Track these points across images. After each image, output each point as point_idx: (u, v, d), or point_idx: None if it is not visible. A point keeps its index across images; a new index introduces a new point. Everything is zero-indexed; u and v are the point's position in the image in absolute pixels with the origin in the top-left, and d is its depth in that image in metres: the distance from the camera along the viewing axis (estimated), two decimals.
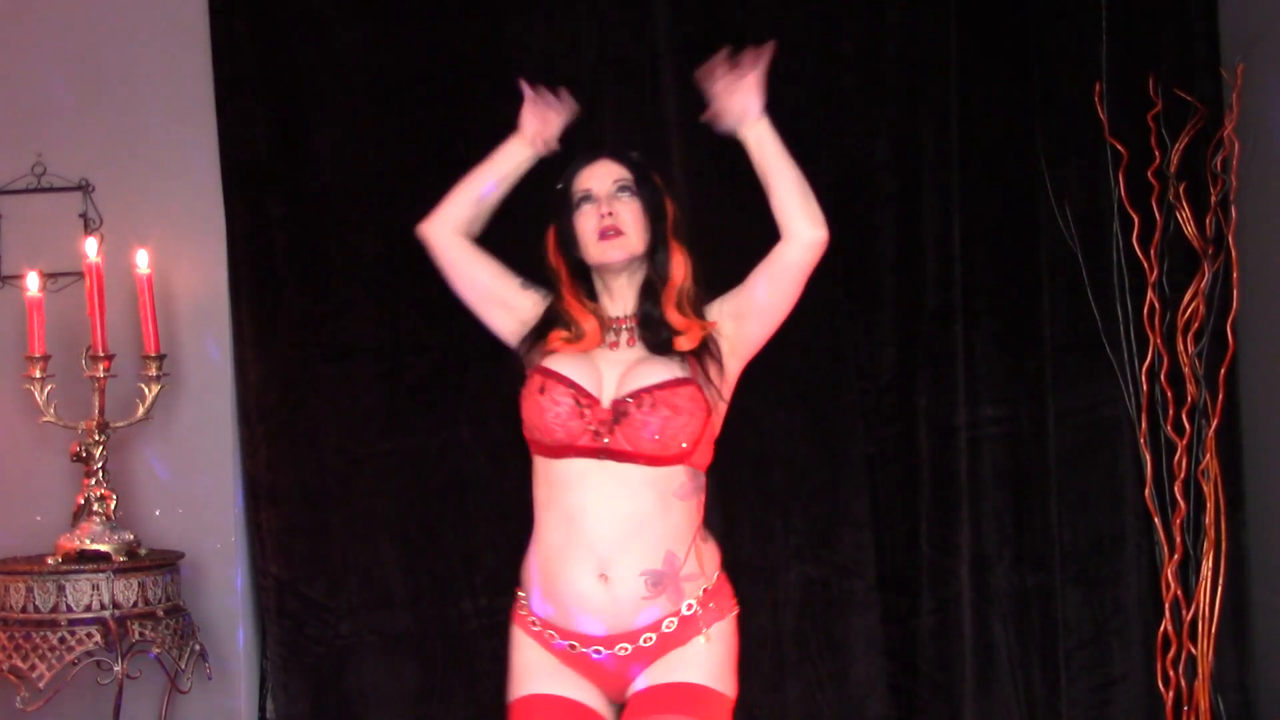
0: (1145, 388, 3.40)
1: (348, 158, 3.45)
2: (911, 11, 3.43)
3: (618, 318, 2.47)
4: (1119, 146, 3.38)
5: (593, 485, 2.35)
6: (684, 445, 2.36)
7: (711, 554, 2.45)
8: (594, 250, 2.43)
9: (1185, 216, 3.38)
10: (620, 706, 2.43)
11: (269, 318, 3.43)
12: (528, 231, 2.52)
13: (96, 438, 3.21)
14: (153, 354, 3.24)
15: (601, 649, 2.36)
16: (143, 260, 3.25)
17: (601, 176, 2.46)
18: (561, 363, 2.40)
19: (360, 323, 3.45)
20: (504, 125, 3.38)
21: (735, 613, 2.46)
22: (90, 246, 3.22)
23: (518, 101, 3.41)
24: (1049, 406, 3.41)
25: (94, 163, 3.47)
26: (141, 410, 3.27)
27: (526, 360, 2.47)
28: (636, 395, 2.35)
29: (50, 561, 3.12)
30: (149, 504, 3.42)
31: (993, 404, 3.42)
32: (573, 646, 2.37)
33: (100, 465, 3.21)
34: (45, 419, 3.23)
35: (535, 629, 2.40)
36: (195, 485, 3.44)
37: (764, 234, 3.44)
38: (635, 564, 2.33)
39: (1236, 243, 3.37)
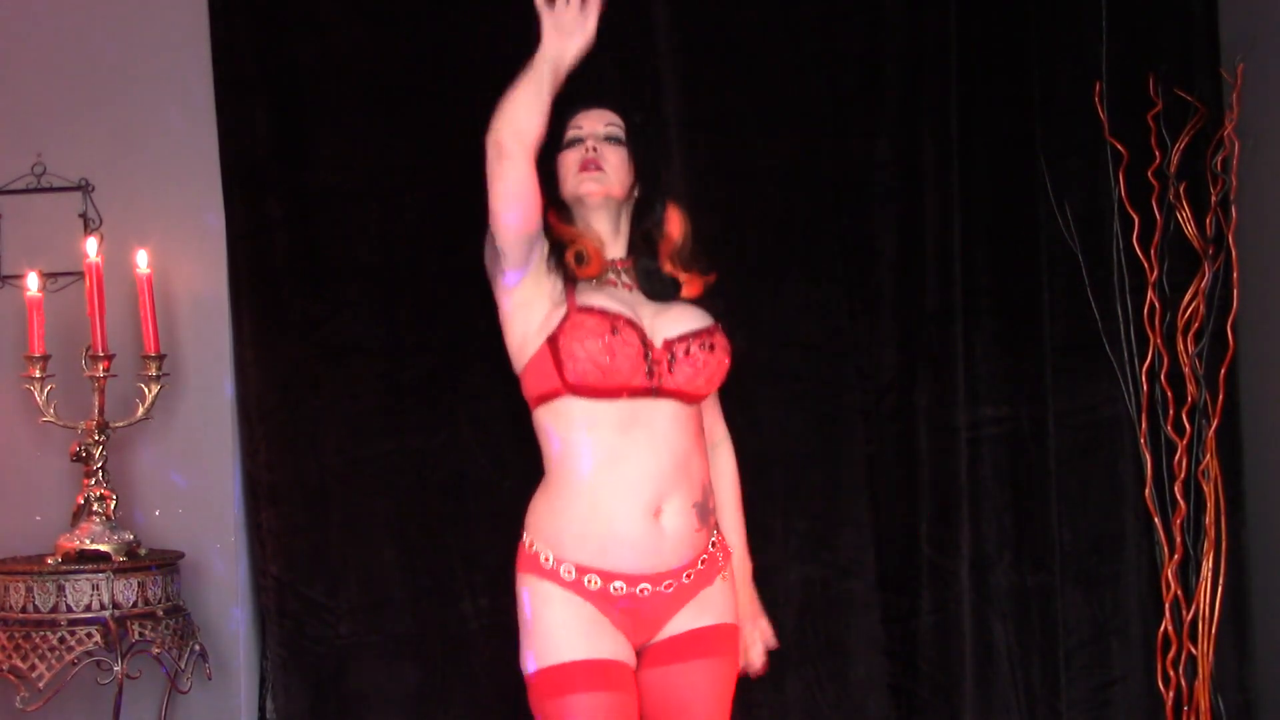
0: (1145, 388, 3.40)
1: (348, 158, 3.45)
2: (911, 11, 3.43)
3: (614, 260, 2.55)
4: (1119, 146, 3.38)
5: (644, 424, 2.40)
6: (716, 384, 2.50)
7: None
8: (572, 182, 2.52)
9: (1185, 216, 3.39)
10: (639, 653, 2.46)
11: (269, 318, 3.43)
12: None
13: (96, 438, 3.21)
14: (153, 354, 3.24)
15: (648, 587, 2.38)
16: (143, 260, 3.25)
17: (595, 119, 2.57)
18: (608, 303, 2.44)
19: (360, 323, 3.44)
20: None
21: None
22: (90, 246, 3.22)
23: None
24: (1049, 406, 3.41)
25: (94, 163, 3.46)
26: (141, 410, 3.27)
27: (538, 290, 2.46)
28: (697, 335, 2.46)
29: (50, 561, 3.11)
30: (149, 504, 3.42)
31: (993, 404, 3.42)
32: (617, 588, 2.37)
33: (100, 465, 3.20)
34: (45, 419, 3.23)
35: (569, 578, 2.38)
36: (195, 485, 3.44)
37: (762, 236, 3.47)
38: (686, 498, 2.42)
39: (1236, 243, 3.37)
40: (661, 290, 2.52)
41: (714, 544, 2.51)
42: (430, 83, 3.44)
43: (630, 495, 2.37)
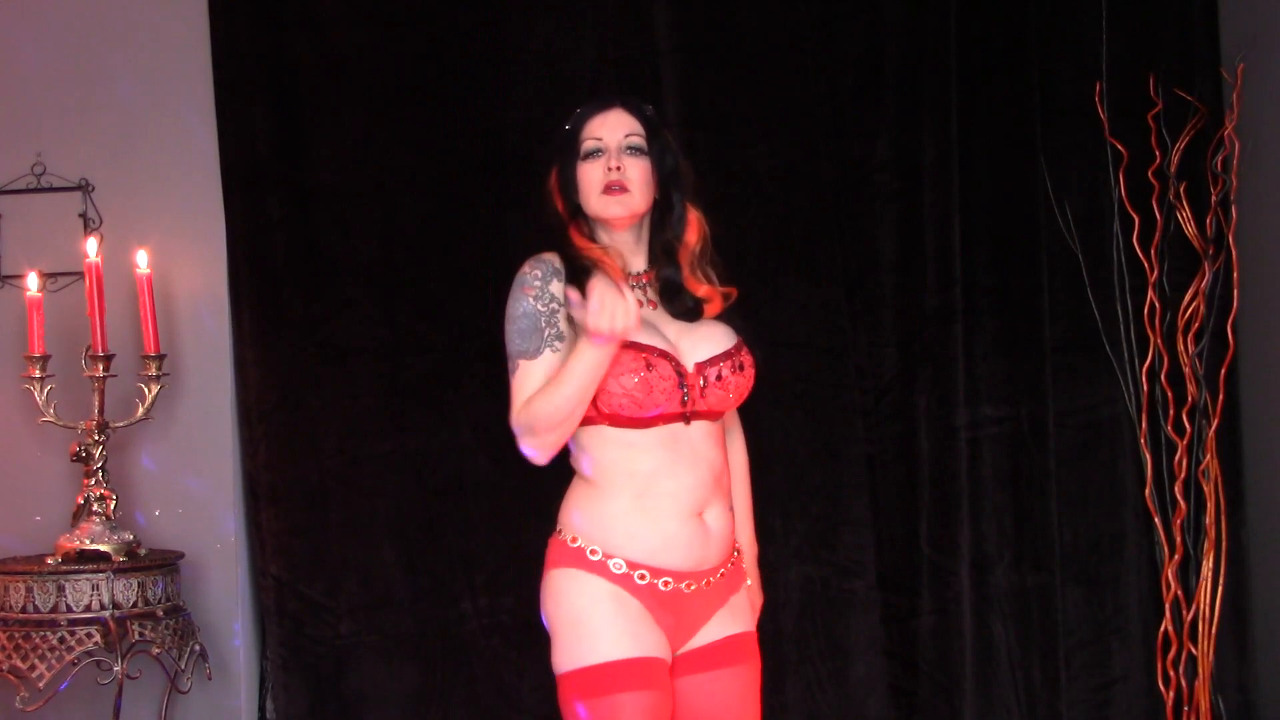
0: (1145, 388, 3.40)
1: (348, 158, 3.45)
2: (911, 11, 3.43)
3: (635, 274, 2.44)
4: (1119, 146, 3.38)
5: (679, 444, 2.36)
6: (743, 400, 2.46)
7: None
8: (595, 203, 2.37)
9: (1185, 216, 3.39)
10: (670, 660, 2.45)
11: (269, 318, 3.43)
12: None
13: (96, 438, 3.21)
14: (153, 354, 3.24)
15: (693, 583, 2.37)
16: (143, 260, 3.25)
17: (614, 127, 2.38)
18: (638, 333, 2.32)
19: (360, 323, 3.44)
20: (504, 125, 3.42)
21: None
22: (90, 246, 3.23)
23: (516, 102, 3.45)
24: (1049, 406, 3.41)
25: (94, 163, 3.46)
26: (141, 410, 3.27)
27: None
28: (727, 356, 2.41)
29: (50, 561, 3.12)
30: (149, 504, 3.42)
31: (993, 404, 3.42)
32: (666, 583, 2.35)
33: (100, 465, 3.21)
34: (45, 419, 3.23)
35: (619, 571, 2.34)
36: (195, 485, 3.44)
37: (762, 236, 3.47)
38: (723, 501, 2.42)
39: (1236, 243, 3.37)
40: (686, 313, 2.45)
41: (737, 549, 2.51)
42: (430, 83, 3.44)
43: (674, 504, 2.35)
